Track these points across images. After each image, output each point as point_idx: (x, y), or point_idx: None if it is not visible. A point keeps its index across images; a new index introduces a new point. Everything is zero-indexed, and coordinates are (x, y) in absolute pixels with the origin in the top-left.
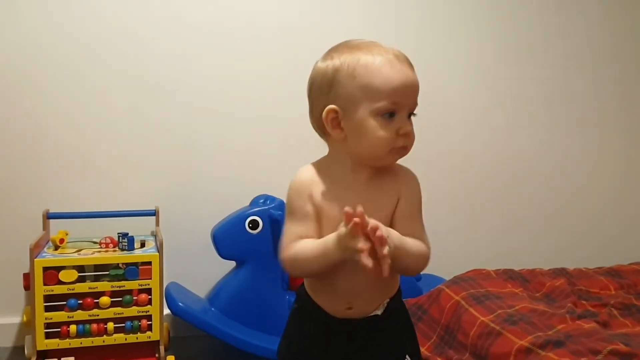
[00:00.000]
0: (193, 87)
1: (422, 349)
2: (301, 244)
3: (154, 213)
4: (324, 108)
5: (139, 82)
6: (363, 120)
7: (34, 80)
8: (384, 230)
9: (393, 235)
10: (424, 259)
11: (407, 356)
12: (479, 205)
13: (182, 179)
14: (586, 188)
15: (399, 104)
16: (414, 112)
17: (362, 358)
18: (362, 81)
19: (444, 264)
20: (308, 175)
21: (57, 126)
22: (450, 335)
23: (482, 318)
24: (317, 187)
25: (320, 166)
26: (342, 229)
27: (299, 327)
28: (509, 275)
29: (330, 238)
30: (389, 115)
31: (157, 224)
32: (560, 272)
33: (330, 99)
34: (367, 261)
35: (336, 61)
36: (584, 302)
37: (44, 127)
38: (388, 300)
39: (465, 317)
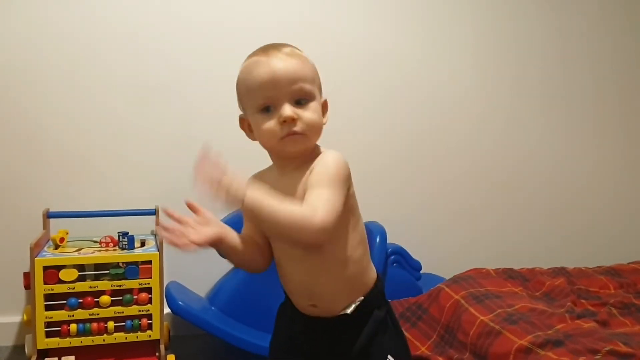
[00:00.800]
0: (193, 86)
1: (423, 348)
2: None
3: (154, 212)
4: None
5: (139, 81)
6: (253, 119)
7: (34, 79)
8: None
9: (258, 188)
10: (301, 224)
11: (389, 356)
12: (478, 205)
13: (182, 178)
14: (586, 187)
15: (272, 97)
16: (306, 98)
17: (337, 357)
18: (243, 87)
19: (443, 263)
20: (254, 179)
21: (58, 126)
22: (450, 334)
23: (482, 317)
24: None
25: (265, 169)
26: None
27: (278, 321)
28: (508, 275)
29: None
30: (266, 109)
31: (157, 223)
32: (560, 272)
33: (241, 109)
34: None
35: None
36: (583, 301)
37: (44, 127)
38: (361, 299)
39: (465, 317)
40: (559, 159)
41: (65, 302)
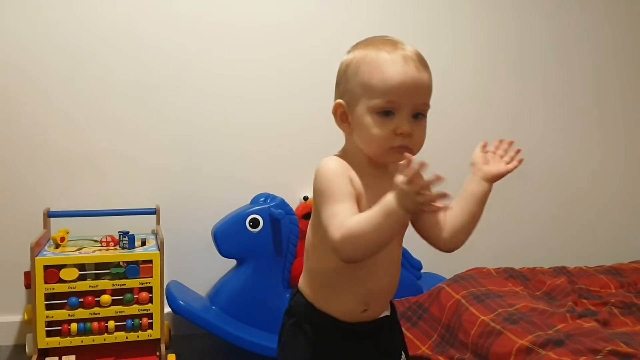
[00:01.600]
0: (193, 86)
1: (424, 348)
2: (354, 219)
3: (154, 211)
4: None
5: (140, 81)
6: (361, 116)
7: (34, 79)
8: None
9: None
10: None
11: (402, 353)
12: None
13: (182, 178)
14: (587, 187)
15: (396, 103)
16: (423, 113)
17: (374, 358)
18: (363, 78)
19: (444, 263)
20: (342, 161)
21: (59, 125)
22: (451, 334)
23: (483, 317)
24: (352, 173)
25: (343, 157)
26: (400, 178)
27: (300, 340)
28: (509, 274)
29: (387, 199)
30: (384, 113)
31: (158, 222)
32: (561, 271)
33: (340, 93)
34: (439, 200)
35: (350, 56)
36: (584, 300)
37: (45, 126)
38: (391, 300)
39: (466, 316)
40: (560, 159)
41: (65, 301)
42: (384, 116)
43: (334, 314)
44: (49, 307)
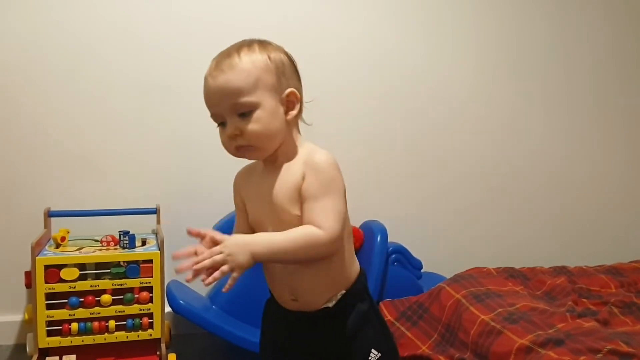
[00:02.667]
0: (194, 85)
1: (424, 347)
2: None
3: (155, 211)
4: None
5: (140, 81)
6: None
7: (34, 79)
8: (224, 251)
9: (256, 246)
10: (312, 246)
11: (372, 350)
12: (479, 204)
13: (183, 177)
14: (587, 187)
15: (216, 114)
16: (243, 111)
17: (318, 351)
18: None
19: (444, 262)
20: (239, 173)
21: (59, 125)
22: (451, 333)
23: (483, 316)
24: (244, 182)
25: (253, 163)
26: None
27: (265, 318)
28: (509, 274)
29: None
30: (220, 124)
31: (158, 222)
32: (561, 270)
33: None
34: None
35: None
36: (584, 300)
37: (45, 126)
38: (343, 293)
39: (466, 316)
40: (560, 159)
41: (66, 301)
42: (221, 126)
43: (275, 297)
44: (49, 307)
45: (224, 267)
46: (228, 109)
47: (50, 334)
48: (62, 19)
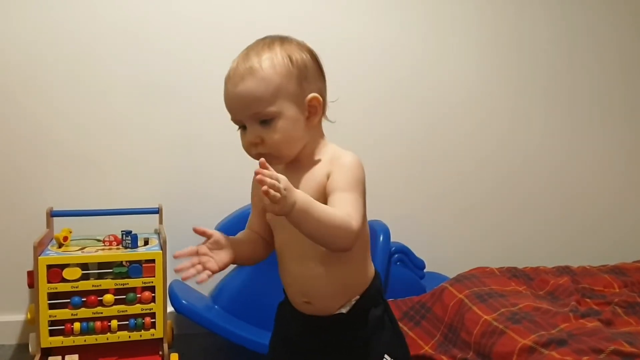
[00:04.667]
0: (196, 85)
1: (426, 347)
2: (240, 234)
3: (157, 211)
4: None
5: (142, 80)
6: None
7: (37, 79)
8: (273, 176)
9: (300, 194)
10: (341, 230)
11: (386, 355)
12: (482, 203)
13: (185, 177)
14: (590, 186)
15: (237, 120)
16: (264, 119)
17: (332, 354)
18: None
19: (447, 262)
20: None
21: (61, 125)
22: (454, 333)
23: (486, 316)
24: None
25: None
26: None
27: (277, 320)
28: (512, 273)
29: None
30: (242, 127)
31: (161, 221)
32: (564, 270)
33: None
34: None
35: None
36: (587, 300)
37: (47, 126)
38: (357, 298)
39: (469, 316)
40: (563, 158)
41: (68, 300)
42: (242, 130)
43: (290, 300)
44: (52, 307)
45: (277, 195)
46: (248, 116)
47: (52, 333)
48: (62, 19)
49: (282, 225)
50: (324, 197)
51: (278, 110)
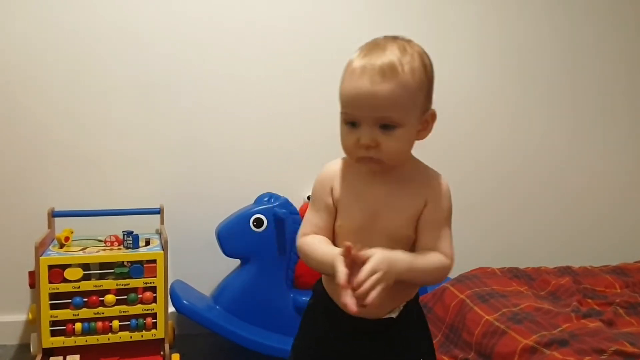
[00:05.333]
0: (197, 85)
1: None
2: (312, 239)
3: (158, 211)
4: None
5: (143, 81)
6: (340, 122)
7: (38, 79)
8: (380, 269)
9: (400, 263)
10: (441, 273)
11: (421, 359)
12: (483, 203)
13: (186, 177)
14: (591, 185)
15: (353, 115)
16: (390, 125)
17: (372, 358)
18: (340, 83)
19: None
20: (333, 169)
21: (62, 125)
22: (455, 333)
23: (487, 317)
24: (339, 181)
25: (348, 160)
26: (339, 256)
27: (312, 322)
28: (513, 274)
29: (333, 253)
30: (351, 123)
31: (162, 222)
32: (566, 271)
33: None
34: (345, 299)
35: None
36: (589, 300)
37: (49, 126)
38: (405, 303)
39: (470, 316)
40: (564, 158)
41: (70, 301)
42: (351, 126)
43: (338, 303)
44: (53, 307)
45: (380, 287)
46: (372, 117)
47: (54, 334)
48: (62, 19)
49: (359, 236)
50: (415, 219)
51: (405, 119)
